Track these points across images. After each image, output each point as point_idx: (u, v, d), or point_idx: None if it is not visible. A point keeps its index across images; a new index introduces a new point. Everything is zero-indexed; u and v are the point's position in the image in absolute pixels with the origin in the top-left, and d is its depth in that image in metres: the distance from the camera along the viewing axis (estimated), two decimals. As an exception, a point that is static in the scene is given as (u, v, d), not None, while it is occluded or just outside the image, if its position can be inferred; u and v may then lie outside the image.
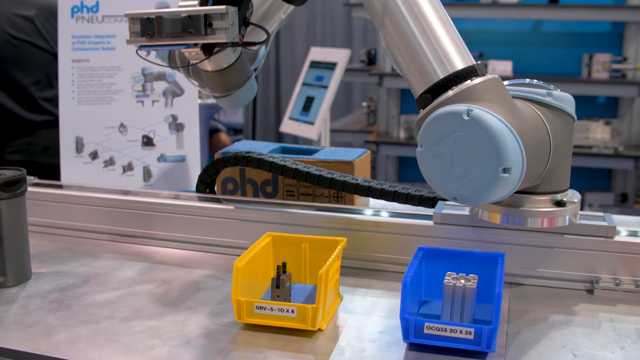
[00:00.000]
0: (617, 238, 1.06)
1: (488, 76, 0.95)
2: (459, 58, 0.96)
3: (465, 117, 0.88)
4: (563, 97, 1.00)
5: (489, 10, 4.62)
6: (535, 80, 1.04)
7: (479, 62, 0.98)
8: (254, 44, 1.29)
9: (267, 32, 1.27)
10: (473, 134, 0.88)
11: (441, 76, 0.96)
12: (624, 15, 4.51)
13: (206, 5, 1.16)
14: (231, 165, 1.34)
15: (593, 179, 4.86)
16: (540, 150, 0.96)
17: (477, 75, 0.95)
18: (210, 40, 1.12)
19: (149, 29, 1.12)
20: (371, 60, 5.59)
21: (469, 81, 0.94)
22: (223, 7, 1.10)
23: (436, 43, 0.97)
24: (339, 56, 4.04)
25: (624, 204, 4.71)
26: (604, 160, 4.47)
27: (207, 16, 1.11)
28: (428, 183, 0.96)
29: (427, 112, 0.96)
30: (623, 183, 4.81)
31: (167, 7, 1.67)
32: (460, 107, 0.90)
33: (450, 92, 0.94)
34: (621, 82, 4.44)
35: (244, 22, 1.19)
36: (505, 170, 0.87)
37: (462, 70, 0.95)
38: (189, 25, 1.11)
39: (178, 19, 1.10)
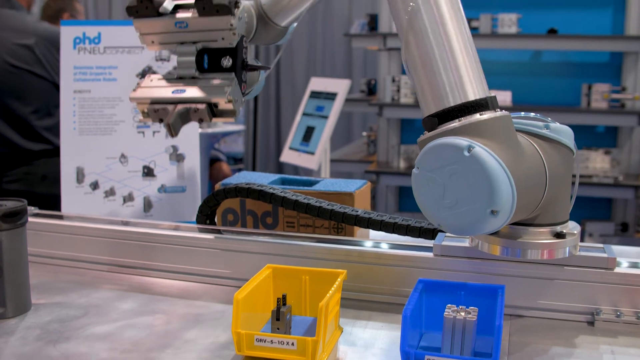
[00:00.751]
0: (617, 269, 1.06)
1: (497, 113, 0.94)
2: (473, 88, 0.95)
3: (466, 153, 0.89)
4: (560, 130, 1.01)
5: (488, 41, 4.65)
6: (532, 113, 1.04)
7: (493, 94, 0.97)
8: (256, 68, 1.30)
9: (266, 67, 1.29)
10: (470, 171, 0.89)
11: (452, 103, 0.95)
12: (622, 45, 4.55)
13: (202, 57, 1.17)
14: (231, 196, 1.35)
15: (593, 208, 4.86)
16: (535, 185, 0.96)
17: (487, 109, 0.94)
18: (220, 120, 1.15)
19: (158, 115, 1.15)
20: (371, 90, 5.62)
21: (477, 115, 0.93)
22: (224, 94, 1.12)
23: (454, 68, 0.95)
24: (339, 86, 4.07)
25: (625, 233, 4.71)
26: (604, 190, 4.47)
27: (211, 104, 1.13)
28: (418, 205, 0.97)
29: (430, 137, 0.95)
30: (623, 212, 4.81)
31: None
32: (463, 142, 0.90)
33: (456, 123, 0.93)
34: (620, 111, 4.47)
35: (243, 67, 1.20)
36: (493, 212, 0.88)
37: (473, 101, 0.94)
38: (196, 115, 1.13)
39: (185, 112, 1.13)
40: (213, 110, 1.15)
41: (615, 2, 4.68)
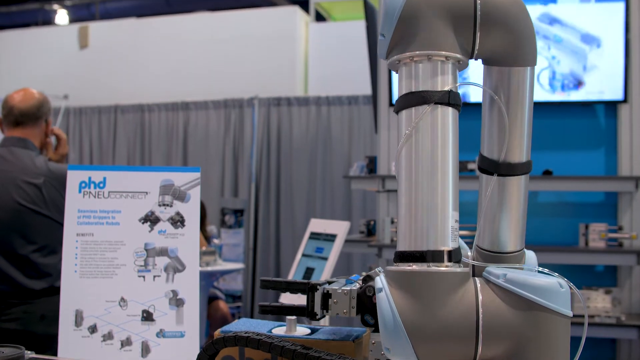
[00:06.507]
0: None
1: (430, 267, 1.00)
2: (417, 240, 1.02)
3: (378, 293, 1.02)
4: (517, 280, 1.00)
5: (484, 182, 4.72)
6: (524, 266, 1.06)
7: (447, 249, 1.01)
8: None
9: None
10: (378, 307, 1.00)
11: (398, 247, 1.03)
12: (615, 185, 4.63)
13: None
14: (231, 345, 1.34)
15: (597, 348, 4.78)
16: (458, 343, 0.99)
17: (422, 261, 1.00)
18: None
19: None
20: (370, 231, 5.65)
21: (406, 265, 1.01)
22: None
23: (412, 218, 1.02)
24: (339, 228, 4.09)
25: (631, 374, 4.61)
26: (607, 330, 4.41)
27: None
28: None
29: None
30: (628, 353, 4.72)
31: (172, 185, 1.73)
32: (378, 283, 1.02)
33: (393, 265, 1.03)
34: (618, 251, 4.48)
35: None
36: (387, 348, 1.01)
37: (407, 252, 1.02)
38: None
39: None
40: None
41: (607, 144, 4.81)
